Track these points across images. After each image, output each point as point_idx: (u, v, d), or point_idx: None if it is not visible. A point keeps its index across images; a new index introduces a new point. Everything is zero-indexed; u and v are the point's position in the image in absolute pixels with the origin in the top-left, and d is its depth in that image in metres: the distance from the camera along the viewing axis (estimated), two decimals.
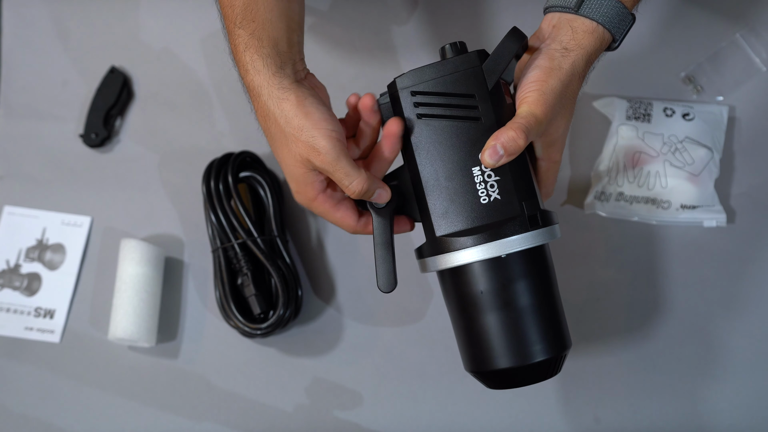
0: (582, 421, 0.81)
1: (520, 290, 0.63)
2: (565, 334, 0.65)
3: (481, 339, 0.64)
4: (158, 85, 0.94)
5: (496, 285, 0.63)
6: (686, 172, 0.84)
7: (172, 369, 0.85)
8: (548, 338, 0.63)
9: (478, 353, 0.64)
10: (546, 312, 0.64)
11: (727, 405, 0.81)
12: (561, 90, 0.63)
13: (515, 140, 0.60)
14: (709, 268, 0.84)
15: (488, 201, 0.62)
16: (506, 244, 0.62)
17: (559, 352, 0.64)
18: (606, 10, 0.63)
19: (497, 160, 0.61)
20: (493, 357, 0.63)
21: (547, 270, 0.65)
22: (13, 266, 0.89)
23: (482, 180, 0.62)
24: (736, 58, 0.88)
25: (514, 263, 0.63)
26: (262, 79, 0.64)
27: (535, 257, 0.64)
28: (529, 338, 0.63)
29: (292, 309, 0.81)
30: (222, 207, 0.83)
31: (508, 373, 0.63)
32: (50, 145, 0.92)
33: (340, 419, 0.83)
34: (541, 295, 0.64)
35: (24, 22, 0.96)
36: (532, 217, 0.62)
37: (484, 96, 0.62)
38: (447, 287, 0.66)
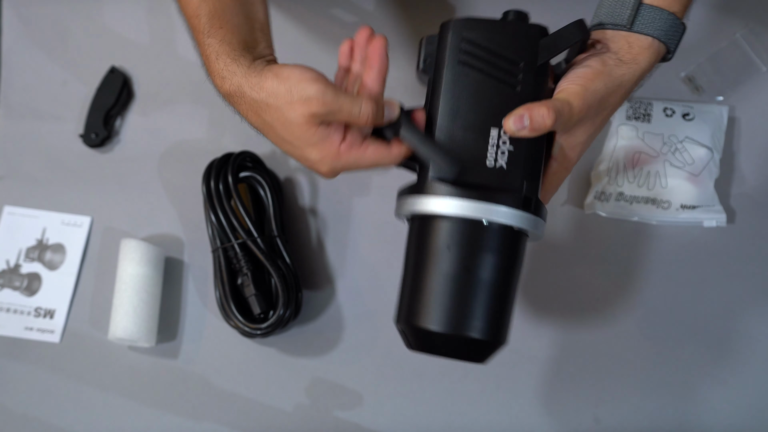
0: (582, 421, 0.81)
1: (485, 263, 0.61)
2: (505, 328, 0.63)
3: (426, 294, 0.61)
4: (158, 85, 0.94)
5: (466, 247, 0.61)
6: (686, 172, 0.84)
7: (172, 369, 0.85)
8: (490, 321, 0.61)
9: (417, 307, 0.61)
10: (499, 297, 0.62)
11: (728, 405, 0.81)
12: (603, 94, 0.62)
13: (544, 117, 0.59)
14: (709, 268, 0.84)
15: (493, 165, 0.61)
16: (494, 211, 0.60)
17: (494, 338, 0.61)
18: (660, 24, 0.62)
19: (520, 128, 0.59)
20: (431, 315, 0.60)
21: (517, 261, 0.63)
22: (13, 266, 0.89)
23: (496, 143, 0.61)
24: (736, 58, 0.88)
25: (492, 234, 0.61)
26: (240, 79, 0.63)
27: (514, 240, 0.62)
28: (472, 311, 0.60)
29: (292, 309, 0.81)
30: (222, 207, 0.83)
31: (438, 336, 0.61)
32: (50, 145, 0.92)
33: (340, 419, 0.83)
34: (502, 279, 0.62)
35: (24, 22, 0.96)
36: (527, 199, 0.61)
37: (530, 68, 0.62)
38: (416, 232, 0.63)
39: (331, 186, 0.89)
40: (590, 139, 0.65)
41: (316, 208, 0.89)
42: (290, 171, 0.90)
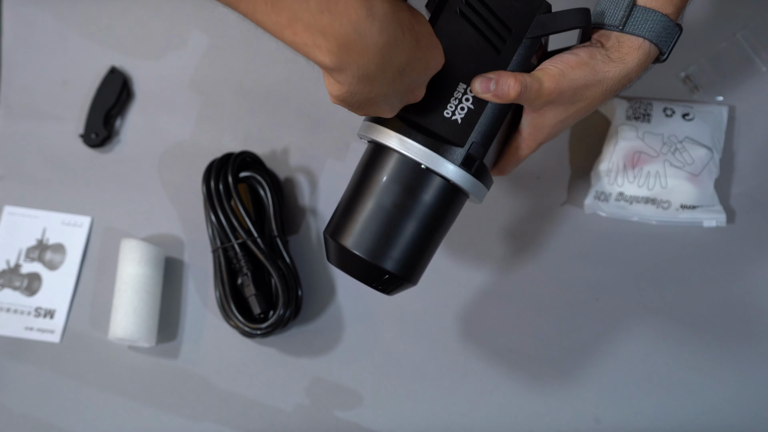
0: (582, 421, 0.81)
1: (414, 206, 0.64)
2: (417, 270, 0.66)
3: (356, 216, 0.64)
4: (158, 85, 0.94)
5: (401, 184, 0.63)
6: (686, 172, 0.84)
7: (172, 369, 0.85)
8: (404, 259, 0.64)
9: (343, 225, 0.65)
10: (419, 239, 0.64)
11: (728, 405, 0.81)
12: (580, 85, 0.62)
13: (510, 87, 0.60)
14: (709, 268, 0.84)
15: (449, 117, 0.63)
16: (434, 161, 0.62)
17: (404, 274, 0.64)
18: (652, 25, 0.63)
19: (484, 90, 0.61)
20: (354, 238, 0.64)
21: (448, 212, 0.66)
22: (13, 266, 0.89)
23: (458, 98, 0.63)
24: (736, 58, 0.88)
25: (427, 181, 0.63)
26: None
27: (447, 191, 0.64)
28: (390, 244, 0.63)
29: (292, 309, 0.81)
30: (222, 207, 0.83)
31: (354, 258, 0.64)
32: (50, 145, 0.92)
33: (340, 419, 0.83)
34: (426, 224, 0.64)
35: (24, 22, 0.96)
36: (469, 157, 0.63)
37: (518, 37, 0.63)
38: (366, 156, 0.67)
39: (331, 186, 0.89)
40: (561, 125, 0.66)
41: (316, 208, 0.89)
42: (290, 171, 0.90)
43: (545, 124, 0.66)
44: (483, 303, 0.85)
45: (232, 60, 0.93)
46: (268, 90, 0.92)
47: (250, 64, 0.93)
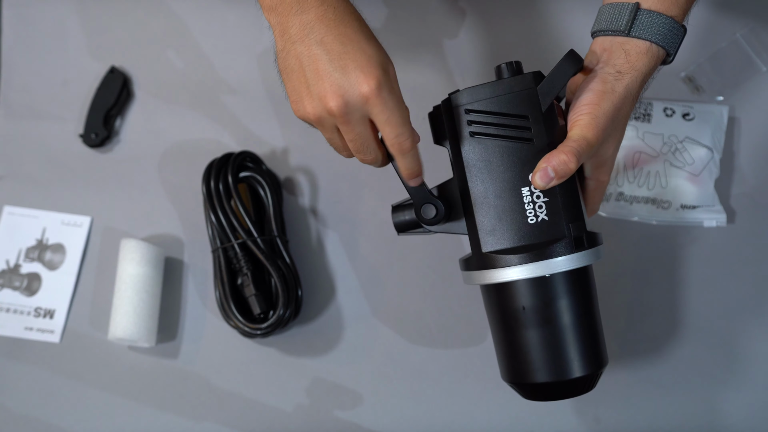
0: (582, 421, 0.81)
1: (561, 308, 0.64)
2: (602, 352, 0.67)
3: (521, 353, 0.65)
4: (158, 85, 0.94)
5: (539, 303, 0.64)
6: (686, 172, 0.84)
7: (172, 369, 0.85)
8: (586, 356, 0.65)
9: (518, 366, 0.66)
10: (585, 330, 0.65)
11: (727, 405, 0.81)
12: (613, 113, 0.63)
13: (566, 164, 0.60)
14: (709, 268, 0.84)
15: (536, 221, 0.63)
16: (551, 265, 0.63)
17: (595, 369, 0.65)
18: (658, 28, 0.63)
19: (548, 182, 0.61)
20: (532, 371, 0.65)
21: (589, 289, 0.66)
22: (13, 266, 0.89)
23: (531, 200, 0.63)
24: (736, 58, 0.88)
25: (557, 283, 0.64)
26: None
27: (579, 277, 0.65)
28: (567, 355, 0.64)
29: (292, 309, 0.81)
30: (222, 207, 0.83)
31: (545, 386, 0.65)
32: (50, 145, 0.92)
33: (340, 419, 0.83)
34: (581, 314, 0.65)
35: (24, 22, 0.96)
36: (578, 239, 0.63)
37: (537, 118, 0.63)
38: (490, 301, 0.67)
39: (331, 186, 0.89)
40: (616, 150, 0.67)
41: (316, 208, 0.89)
42: (290, 171, 0.90)
43: (604, 160, 0.67)
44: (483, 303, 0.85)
45: (232, 60, 0.93)
46: (268, 90, 0.92)
47: (250, 64, 0.93)
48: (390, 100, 0.61)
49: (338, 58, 0.60)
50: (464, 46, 0.92)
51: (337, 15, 0.61)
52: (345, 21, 0.61)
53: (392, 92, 0.61)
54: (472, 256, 0.67)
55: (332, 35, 0.60)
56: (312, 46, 0.61)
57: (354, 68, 0.60)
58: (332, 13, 0.61)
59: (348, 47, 0.60)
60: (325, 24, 0.61)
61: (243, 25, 0.94)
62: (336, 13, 0.61)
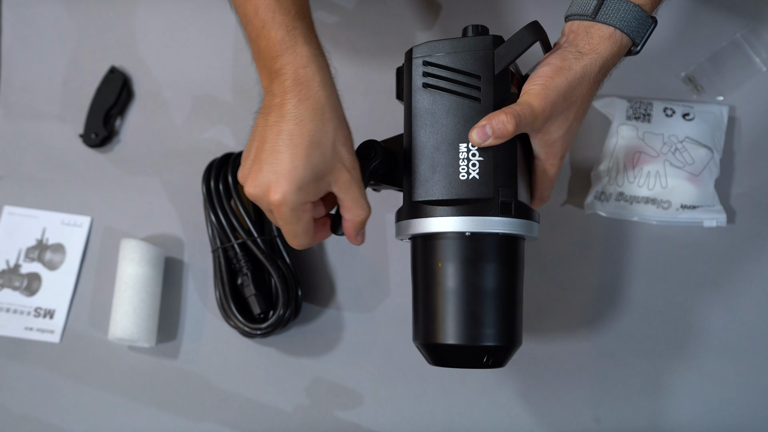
0: (582, 421, 0.81)
1: (479, 271, 0.63)
2: (517, 330, 0.65)
3: (433, 312, 0.64)
4: (158, 85, 0.94)
5: (456, 260, 0.63)
6: (686, 172, 0.84)
7: (172, 369, 0.85)
8: (497, 326, 0.63)
9: (428, 325, 0.65)
10: (501, 300, 0.64)
11: (727, 405, 0.81)
12: (566, 89, 0.63)
13: (505, 123, 0.61)
14: (709, 268, 0.84)
15: (466, 178, 0.63)
16: (472, 222, 0.62)
17: (507, 343, 0.64)
18: (623, 15, 0.64)
19: (484, 139, 0.62)
20: (441, 331, 0.63)
21: (513, 262, 0.65)
22: (13, 266, 0.89)
23: (466, 157, 0.64)
24: (736, 58, 0.88)
25: (478, 243, 0.63)
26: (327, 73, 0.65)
27: (502, 244, 0.64)
28: (479, 320, 0.63)
29: (292, 309, 0.81)
30: (222, 207, 0.83)
31: (452, 349, 0.63)
32: (50, 145, 0.92)
33: (340, 419, 0.83)
34: (501, 283, 0.64)
35: (24, 22, 0.96)
36: (505, 204, 0.63)
37: (488, 78, 0.64)
38: (414, 255, 0.67)
39: None
40: (569, 132, 0.67)
41: None
42: None
43: (554, 139, 0.66)
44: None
45: (232, 60, 0.93)
46: None
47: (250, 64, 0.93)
48: (290, 216, 0.63)
49: (271, 154, 0.62)
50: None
51: (300, 107, 0.62)
52: (303, 118, 0.62)
53: (294, 210, 0.62)
54: (402, 206, 0.67)
55: (287, 127, 0.62)
56: (270, 126, 0.63)
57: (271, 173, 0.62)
58: (297, 103, 0.62)
59: (282, 149, 0.62)
60: (287, 111, 0.62)
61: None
62: (301, 105, 0.62)
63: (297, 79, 0.62)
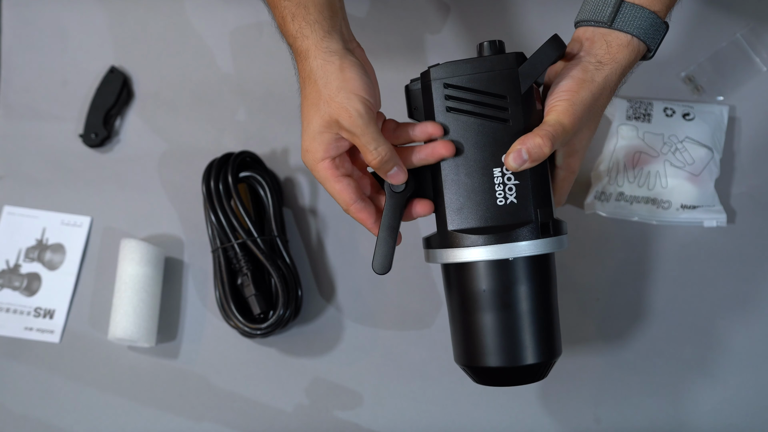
0: (582, 421, 0.81)
1: (521, 294, 0.64)
2: (556, 342, 0.67)
3: (476, 335, 0.65)
4: (158, 85, 0.94)
5: (499, 286, 0.64)
6: (686, 172, 0.84)
7: (172, 369, 0.85)
8: (540, 344, 0.65)
9: (472, 348, 0.65)
10: (542, 318, 0.65)
11: (728, 405, 0.81)
12: (591, 102, 0.63)
13: (541, 147, 0.61)
14: (709, 268, 0.84)
15: (504, 203, 0.63)
16: (515, 248, 0.63)
17: (548, 358, 0.65)
18: (640, 22, 0.63)
19: (521, 164, 0.61)
20: (486, 354, 0.64)
21: (550, 278, 0.66)
22: (12, 266, 0.89)
23: (501, 182, 0.63)
24: (736, 58, 0.88)
25: (519, 267, 0.64)
26: (310, 44, 0.64)
27: (541, 264, 0.65)
28: (522, 341, 0.64)
29: (292, 309, 0.81)
30: (222, 207, 0.83)
31: (497, 371, 0.65)
32: (50, 145, 0.92)
33: (340, 419, 0.83)
34: (540, 302, 0.65)
35: (24, 22, 0.96)
36: (544, 225, 0.63)
37: (515, 99, 0.63)
38: (450, 281, 0.67)
39: None
40: (589, 141, 0.67)
41: (316, 208, 0.89)
42: (290, 171, 0.90)
43: (576, 149, 0.67)
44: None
45: (232, 60, 0.93)
46: (268, 90, 0.92)
47: (250, 64, 0.93)
48: (318, 175, 0.66)
49: (305, 116, 0.65)
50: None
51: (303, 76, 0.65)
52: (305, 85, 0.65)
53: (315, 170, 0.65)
54: (436, 233, 0.66)
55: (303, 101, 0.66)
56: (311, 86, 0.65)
57: (302, 135, 0.66)
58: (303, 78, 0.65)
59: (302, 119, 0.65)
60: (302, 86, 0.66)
61: (243, 25, 0.94)
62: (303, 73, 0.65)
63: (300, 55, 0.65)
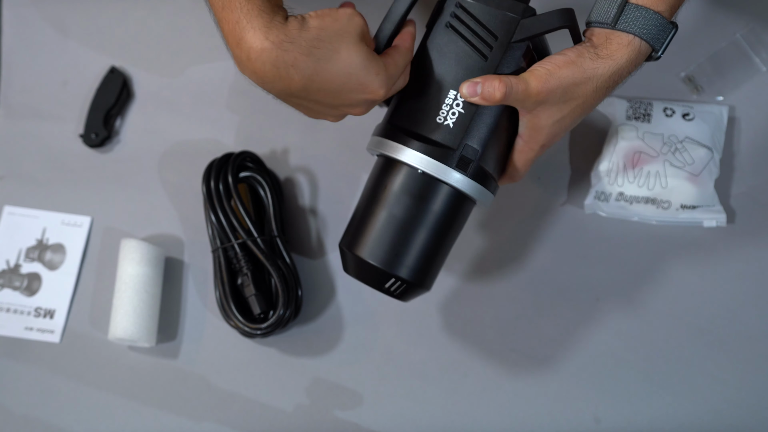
0: (582, 421, 0.81)
1: (417, 209, 0.66)
2: (430, 274, 0.68)
3: (365, 226, 0.67)
4: (158, 85, 0.94)
5: (402, 192, 0.66)
6: (686, 172, 0.84)
7: (172, 369, 0.85)
8: (414, 264, 0.66)
9: (356, 236, 0.68)
10: (427, 243, 0.67)
11: (727, 405, 0.80)
12: (569, 83, 0.64)
13: (495, 89, 0.63)
14: (709, 268, 0.84)
15: (441, 122, 0.66)
16: (427, 163, 0.65)
17: (416, 280, 0.67)
18: (643, 23, 0.64)
19: (472, 95, 0.64)
20: (364, 246, 0.66)
21: (452, 216, 0.68)
22: (13, 266, 0.89)
23: (450, 104, 0.66)
24: (736, 58, 0.88)
25: (426, 184, 0.66)
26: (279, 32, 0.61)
27: (448, 196, 0.66)
28: (399, 250, 0.66)
29: (292, 309, 0.81)
30: (222, 207, 0.83)
31: (366, 266, 0.66)
32: (50, 145, 0.92)
33: (340, 419, 0.83)
34: (433, 228, 0.67)
35: (24, 22, 0.96)
36: (463, 159, 0.65)
37: (503, 42, 0.65)
38: (373, 171, 0.70)
39: (331, 186, 0.89)
40: (558, 125, 0.67)
41: (316, 208, 0.89)
42: (290, 171, 0.90)
43: (542, 125, 0.67)
44: (483, 303, 0.85)
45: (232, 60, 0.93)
46: None
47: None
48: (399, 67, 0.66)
49: None
50: None
51: None
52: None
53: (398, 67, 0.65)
54: (382, 122, 0.69)
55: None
56: None
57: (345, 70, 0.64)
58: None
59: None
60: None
61: None
62: None
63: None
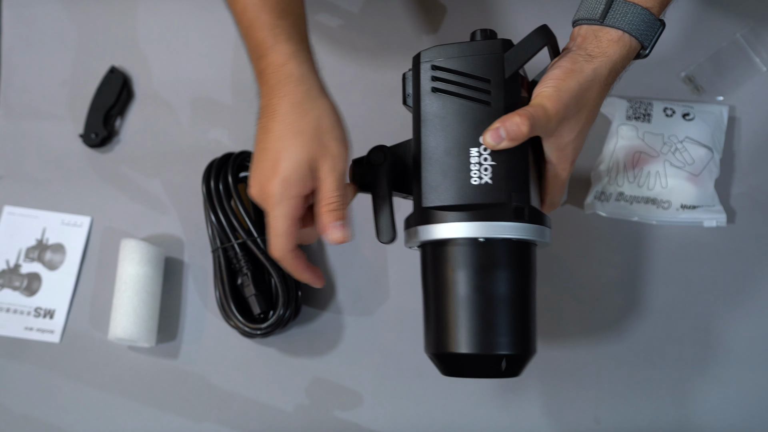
0: (582, 421, 0.81)
1: (493, 278, 0.62)
2: (531, 337, 0.64)
3: (445, 320, 0.63)
4: (158, 85, 0.94)
5: (469, 267, 0.62)
6: (686, 172, 0.84)
7: (172, 369, 0.85)
8: (512, 334, 0.62)
9: (440, 335, 0.63)
10: (515, 308, 0.63)
11: (727, 405, 0.81)
12: (578, 92, 0.63)
13: (519, 125, 0.60)
14: (709, 268, 0.84)
15: (479, 183, 0.62)
16: (485, 227, 0.61)
17: (522, 351, 0.63)
18: (631, 18, 0.64)
19: (498, 141, 0.61)
20: (453, 340, 0.62)
21: (526, 268, 0.64)
22: (13, 266, 0.89)
23: (478, 161, 0.63)
24: (736, 58, 0.88)
25: (491, 249, 0.62)
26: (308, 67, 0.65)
27: (515, 250, 0.63)
28: (493, 328, 0.62)
29: (292, 309, 0.81)
30: (222, 207, 0.83)
31: (465, 359, 0.62)
32: (50, 145, 0.93)
33: (340, 419, 0.83)
34: (514, 290, 0.63)
35: (24, 22, 0.96)
36: (518, 209, 0.62)
37: (498, 82, 0.63)
38: (424, 263, 0.66)
39: None
40: (580, 136, 0.66)
41: None
42: None
43: (566, 142, 0.66)
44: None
45: (232, 60, 0.93)
46: None
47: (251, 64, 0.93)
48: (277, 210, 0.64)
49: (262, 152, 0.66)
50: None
51: (280, 104, 0.65)
52: (284, 113, 0.65)
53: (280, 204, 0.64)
54: (412, 213, 0.66)
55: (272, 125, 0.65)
56: (261, 128, 0.67)
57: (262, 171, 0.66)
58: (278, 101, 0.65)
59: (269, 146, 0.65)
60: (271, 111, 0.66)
61: None
62: (281, 102, 0.65)
63: (277, 78, 0.64)
